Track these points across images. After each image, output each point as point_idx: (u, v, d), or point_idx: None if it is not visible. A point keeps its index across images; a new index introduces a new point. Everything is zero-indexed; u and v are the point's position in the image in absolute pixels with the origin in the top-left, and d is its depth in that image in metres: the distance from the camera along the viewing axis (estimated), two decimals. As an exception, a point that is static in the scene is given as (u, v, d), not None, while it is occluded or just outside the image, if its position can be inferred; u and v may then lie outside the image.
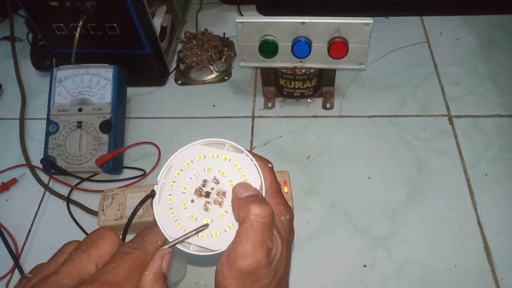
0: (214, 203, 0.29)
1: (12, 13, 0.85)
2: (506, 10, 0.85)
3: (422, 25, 0.85)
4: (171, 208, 0.30)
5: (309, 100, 0.74)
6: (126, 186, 0.66)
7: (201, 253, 0.29)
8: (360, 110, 0.72)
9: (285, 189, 0.58)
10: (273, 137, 0.70)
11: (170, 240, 0.29)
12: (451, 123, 0.69)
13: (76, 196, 0.66)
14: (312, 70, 0.67)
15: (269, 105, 0.74)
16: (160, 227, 0.29)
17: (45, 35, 0.71)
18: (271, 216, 0.27)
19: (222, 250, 0.28)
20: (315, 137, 0.69)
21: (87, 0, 0.63)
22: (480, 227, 0.58)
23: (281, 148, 0.69)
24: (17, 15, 0.92)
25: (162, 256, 0.27)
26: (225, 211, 0.29)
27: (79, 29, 0.64)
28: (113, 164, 0.65)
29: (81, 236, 0.62)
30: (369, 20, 0.59)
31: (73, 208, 0.65)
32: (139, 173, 0.68)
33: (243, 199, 0.28)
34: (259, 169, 0.30)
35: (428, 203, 0.61)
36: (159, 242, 0.28)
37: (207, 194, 0.30)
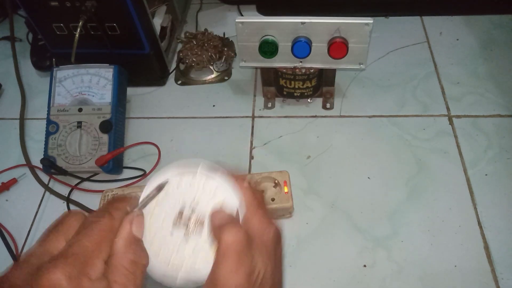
0: (194, 232, 0.29)
1: (12, 13, 0.85)
2: (506, 10, 0.85)
3: (422, 25, 0.85)
4: (153, 242, 0.29)
5: (309, 100, 0.74)
6: (126, 186, 0.66)
7: (187, 285, 0.28)
8: (360, 110, 0.72)
9: (285, 189, 0.58)
10: (273, 137, 0.70)
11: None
12: (451, 123, 0.69)
13: (76, 196, 0.66)
14: (312, 70, 0.67)
15: (269, 105, 0.74)
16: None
17: (45, 35, 0.71)
18: (244, 240, 0.26)
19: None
20: (315, 137, 0.69)
21: (87, 0, 0.63)
22: (480, 227, 0.58)
23: (281, 148, 0.69)
24: (17, 15, 0.92)
25: (131, 220, 0.26)
26: (205, 239, 0.29)
27: (79, 29, 0.64)
28: (113, 164, 0.65)
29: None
30: (369, 20, 0.59)
31: (73, 208, 0.65)
32: (139, 173, 0.68)
33: (217, 227, 0.27)
34: (235, 190, 0.29)
35: (428, 203, 0.61)
36: (127, 208, 0.27)
37: (185, 224, 0.29)
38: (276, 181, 0.59)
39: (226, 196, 0.30)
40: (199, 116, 0.74)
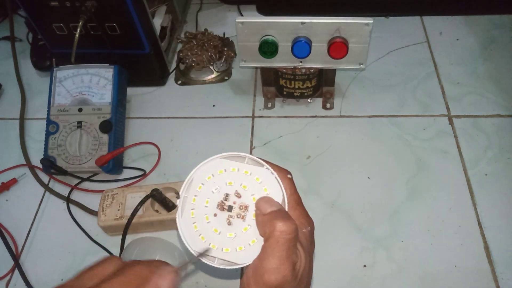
0: (237, 217, 0.30)
1: (12, 13, 0.85)
2: (506, 10, 0.85)
3: (422, 25, 0.85)
4: (194, 222, 0.30)
5: (309, 100, 0.74)
6: (126, 186, 0.66)
7: (226, 267, 0.29)
8: (360, 110, 0.72)
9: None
10: (273, 137, 0.70)
11: (193, 253, 0.29)
12: (451, 123, 0.69)
13: (76, 196, 0.66)
14: (312, 70, 0.67)
15: (269, 105, 0.74)
16: (184, 241, 0.29)
17: (45, 35, 0.71)
18: (295, 232, 0.27)
19: (247, 263, 0.29)
20: (315, 137, 0.69)
21: (87, 0, 0.63)
22: (480, 227, 0.58)
23: (281, 148, 0.69)
24: (17, 15, 0.92)
25: (163, 274, 0.26)
26: (249, 225, 0.29)
27: (79, 29, 0.64)
28: (113, 164, 0.65)
29: (81, 236, 0.62)
30: (369, 20, 0.59)
31: (73, 208, 0.65)
32: (139, 173, 0.68)
33: (268, 215, 0.28)
34: (280, 182, 0.30)
35: (428, 203, 0.61)
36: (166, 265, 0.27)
37: (230, 208, 0.30)
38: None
39: (272, 186, 0.30)
40: (199, 116, 0.74)
